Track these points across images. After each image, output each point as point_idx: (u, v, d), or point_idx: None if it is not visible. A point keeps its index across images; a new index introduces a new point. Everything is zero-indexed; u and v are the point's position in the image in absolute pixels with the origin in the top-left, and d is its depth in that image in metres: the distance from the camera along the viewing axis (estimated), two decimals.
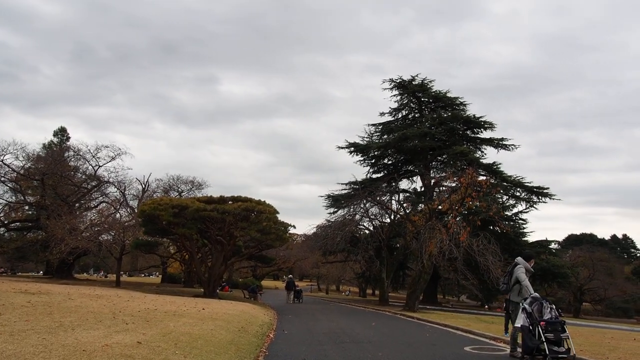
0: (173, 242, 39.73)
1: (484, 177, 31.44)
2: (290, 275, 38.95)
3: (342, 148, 43.02)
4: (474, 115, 41.17)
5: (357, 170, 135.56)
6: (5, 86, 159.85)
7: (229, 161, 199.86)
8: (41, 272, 57.51)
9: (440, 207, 28.32)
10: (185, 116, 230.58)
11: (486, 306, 46.24)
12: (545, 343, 6.94)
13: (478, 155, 40.57)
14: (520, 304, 7.94)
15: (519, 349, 8.20)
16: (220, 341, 9.00)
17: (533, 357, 7.21)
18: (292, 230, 46.31)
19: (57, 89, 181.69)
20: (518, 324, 7.78)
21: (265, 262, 41.80)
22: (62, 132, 57.36)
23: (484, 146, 42.64)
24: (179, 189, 49.86)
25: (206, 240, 29.52)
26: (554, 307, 7.56)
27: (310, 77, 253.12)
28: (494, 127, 41.51)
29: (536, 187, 38.90)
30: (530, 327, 7.28)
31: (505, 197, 40.11)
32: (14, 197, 45.09)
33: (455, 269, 31.91)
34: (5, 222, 44.30)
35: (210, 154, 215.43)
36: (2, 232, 46.96)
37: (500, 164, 40.38)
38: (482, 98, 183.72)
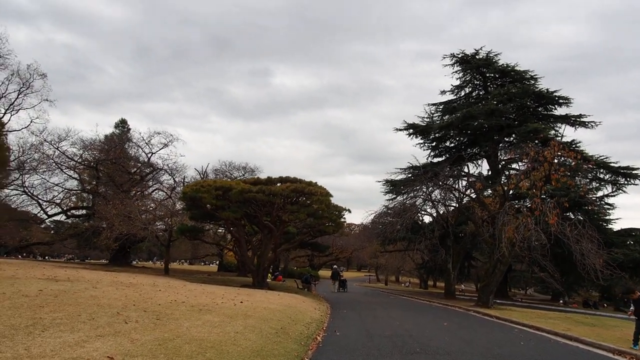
0: (222, 229, 38.45)
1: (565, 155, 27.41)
2: (335, 266, 37.04)
3: (400, 130, 39.74)
4: (546, 89, 36.60)
5: (414, 158, 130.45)
6: (76, 86, 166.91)
7: (284, 153, 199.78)
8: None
9: (512, 190, 24.69)
10: (241, 109, 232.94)
11: (561, 301, 41.68)
12: None
13: (553, 134, 36.13)
14: None
15: None
16: (242, 351, 6.48)
17: None
18: (347, 217, 43.59)
19: (120, 87, 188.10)
20: None
21: (319, 250, 39.46)
22: (122, 124, 57.86)
23: (558, 124, 38.09)
24: (232, 176, 48.69)
25: (255, 227, 27.49)
26: None
27: (361, 66, 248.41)
28: (570, 103, 36.85)
29: (623, 168, 34.16)
30: None
31: (586, 180, 35.53)
32: (79, 186, 45.35)
33: (531, 259, 28.14)
34: (64, 209, 44.50)
35: (266, 146, 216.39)
36: (63, 220, 47.36)
37: (580, 142, 35.90)
38: (541, 81, 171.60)
